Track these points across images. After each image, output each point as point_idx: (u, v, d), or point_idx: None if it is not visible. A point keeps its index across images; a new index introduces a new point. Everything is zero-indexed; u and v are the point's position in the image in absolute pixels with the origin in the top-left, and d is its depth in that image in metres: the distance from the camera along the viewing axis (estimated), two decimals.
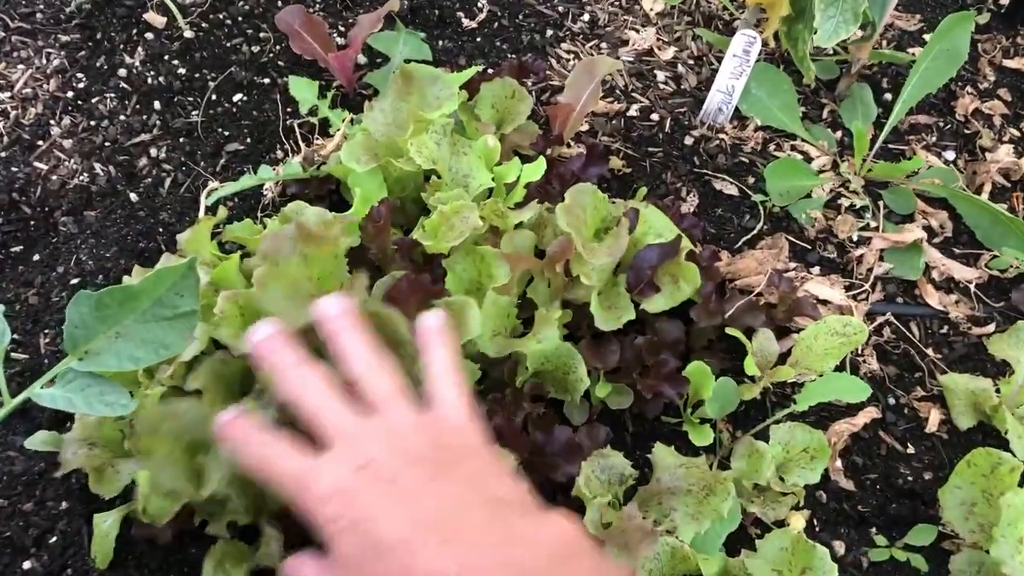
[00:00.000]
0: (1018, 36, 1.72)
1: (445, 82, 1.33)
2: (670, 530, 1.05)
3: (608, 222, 1.26)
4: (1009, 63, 1.67)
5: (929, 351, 1.32)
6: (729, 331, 1.23)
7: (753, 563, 1.04)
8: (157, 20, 1.62)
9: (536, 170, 1.29)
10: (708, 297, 1.23)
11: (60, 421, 1.16)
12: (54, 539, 1.07)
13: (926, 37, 1.72)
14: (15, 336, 1.25)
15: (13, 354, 1.23)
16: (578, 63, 1.42)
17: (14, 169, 1.42)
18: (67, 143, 1.46)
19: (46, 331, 1.26)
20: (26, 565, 1.06)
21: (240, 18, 1.63)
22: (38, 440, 1.09)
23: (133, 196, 1.41)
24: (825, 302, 1.35)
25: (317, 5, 1.67)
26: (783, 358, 1.26)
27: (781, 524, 1.14)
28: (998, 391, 1.25)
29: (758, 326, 1.26)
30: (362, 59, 1.59)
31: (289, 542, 0.97)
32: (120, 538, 1.05)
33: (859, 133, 1.45)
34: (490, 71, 1.50)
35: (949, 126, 1.59)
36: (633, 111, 1.57)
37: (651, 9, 1.72)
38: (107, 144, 1.47)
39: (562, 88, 1.52)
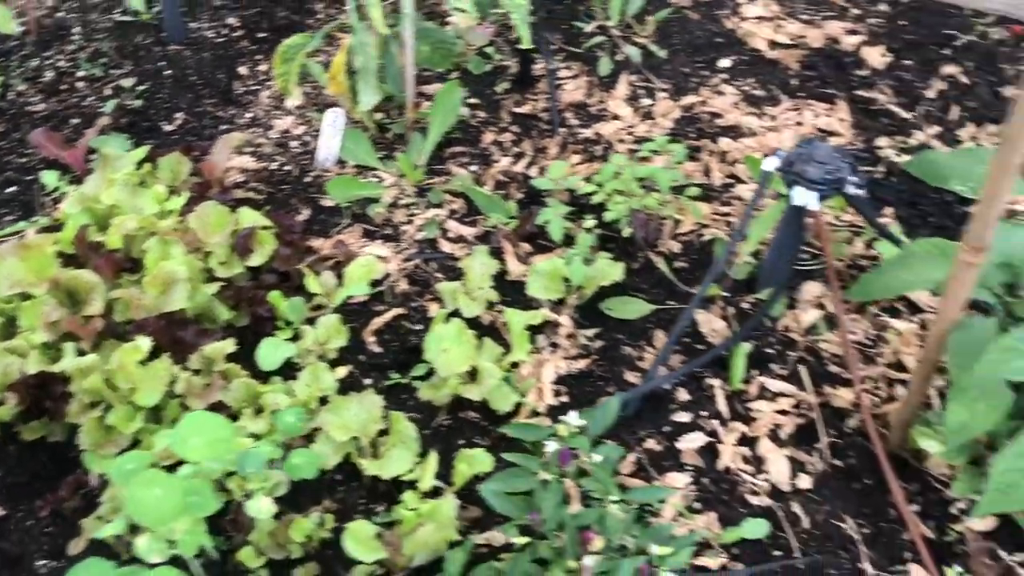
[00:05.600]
0: (525, 95, 2.72)
1: (126, 158, 2.22)
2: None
3: (229, 223, 2.13)
4: (518, 110, 2.66)
5: (436, 275, 2.22)
6: (304, 271, 2.11)
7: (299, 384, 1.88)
8: None
9: (181, 201, 2.17)
10: (287, 256, 2.11)
11: None
12: None
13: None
14: None
15: None
16: (219, 138, 2.34)
17: None
18: None
19: None
20: None
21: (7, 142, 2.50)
22: None
23: None
24: (381, 256, 2.24)
25: (63, 122, 2.55)
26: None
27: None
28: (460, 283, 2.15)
29: (322, 270, 2.14)
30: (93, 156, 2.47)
31: None
32: None
33: (404, 163, 2.38)
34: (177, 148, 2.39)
35: (476, 151, 2.55)
36: (274, 166, 2.48)
37: (292, 106, 2.67)
38: None
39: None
